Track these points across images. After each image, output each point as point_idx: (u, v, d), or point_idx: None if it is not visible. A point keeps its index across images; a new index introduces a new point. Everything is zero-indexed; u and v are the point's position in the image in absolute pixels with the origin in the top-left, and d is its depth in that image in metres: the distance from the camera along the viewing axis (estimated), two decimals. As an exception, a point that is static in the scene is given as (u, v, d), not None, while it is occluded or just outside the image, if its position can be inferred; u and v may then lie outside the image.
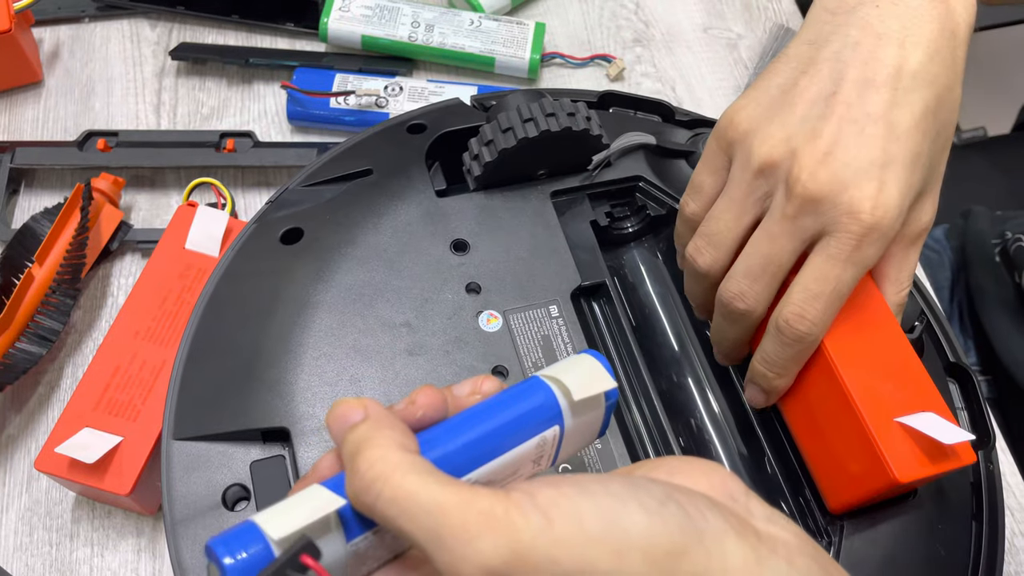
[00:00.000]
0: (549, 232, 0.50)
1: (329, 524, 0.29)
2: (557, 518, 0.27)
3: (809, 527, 0.45)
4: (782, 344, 0.41)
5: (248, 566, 0.27)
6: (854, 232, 0.39)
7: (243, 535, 0.28)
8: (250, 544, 0.27)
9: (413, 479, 0.28)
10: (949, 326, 0.52)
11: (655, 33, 0.78)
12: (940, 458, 0.41)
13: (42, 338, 0.56)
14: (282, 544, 0.27)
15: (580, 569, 0.27)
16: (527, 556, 0.27)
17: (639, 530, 0.28)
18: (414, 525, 0.27)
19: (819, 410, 0.43)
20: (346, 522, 0.29)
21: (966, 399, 0.49)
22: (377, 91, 0.69)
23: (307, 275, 0.47)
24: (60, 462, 0.49)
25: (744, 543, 0.29)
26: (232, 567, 0.27)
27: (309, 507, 0.28)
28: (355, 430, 0.30)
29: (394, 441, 0.29)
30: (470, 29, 0.73)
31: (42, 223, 0.62)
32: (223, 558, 0.27)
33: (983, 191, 1.10)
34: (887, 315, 0.44)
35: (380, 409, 0.31)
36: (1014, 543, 0.56)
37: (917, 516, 0.44)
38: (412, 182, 0.51)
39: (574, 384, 0.32)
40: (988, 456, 0.47)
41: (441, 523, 0.27)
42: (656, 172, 0.54)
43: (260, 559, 0.27)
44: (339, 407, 0.31)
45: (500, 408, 0.32)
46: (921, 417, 0.41)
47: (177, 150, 0.66)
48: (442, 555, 0.27)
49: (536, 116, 0.49)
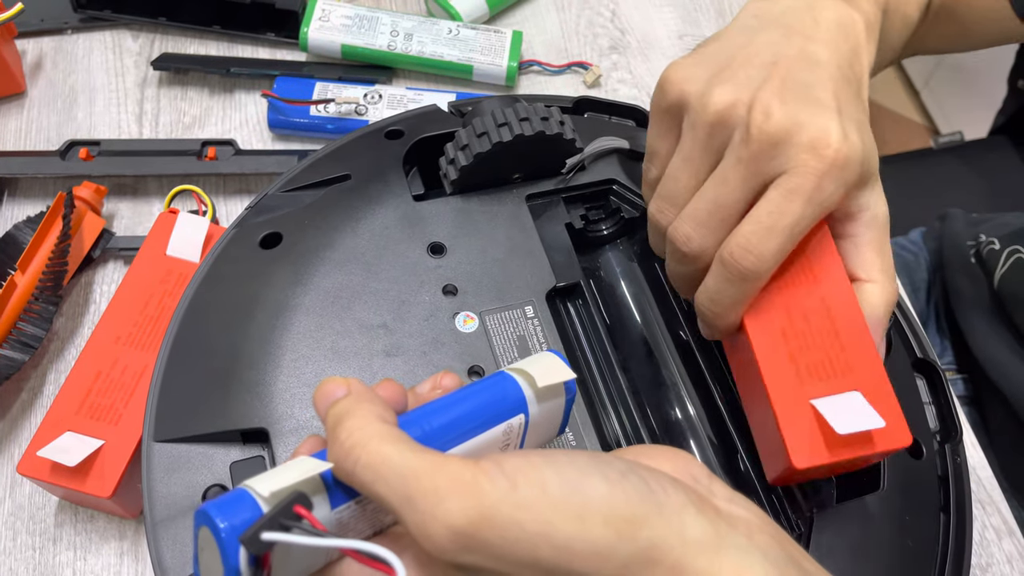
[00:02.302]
0: (525, 234, 0.51)
1: (316, 487, 0.30)
2: (522, 483, 0.29)
3: (781, 523, 0.46)
4: (726, 280, 0.40)
5: (242, 526, 0.28)
6: (815, 168, 0.39)
7: (235, 498, 0.29)
8: (242, 505, 0.28)
9: (388, 446, 0.29)
10: (917, 322, 0.53)
11: (631, 40, 0.80)
12: (851, 444, 0.39)
13: (25, 345, 0.57)
14: (271, 500, 0.29)
15: (542, 531, 0.28)
16: (492, 517, 0.28)
17: (600, 497, 0.29)
18: (387, 488, 0.29)
19: (748, 382, 0.43)
20: (331, 489, 0.30)
21: (933, 394, 0.50)
22: (357, 99, 0.70)
23: (286, 279, 0.48)
24: (42, 466, 0.50)
25: (703, 517, 0.30)
26: (227, 528, 0.28)
27: (297, 470, 0.30)
28: (338, 404, 0.31)
29: (373, 413, 0.31)
30: (448, 38, 0.74)
31: (24, 231, 0.62)
32: (217, 520, 0.28)
33: (960, 194, 1.11)
34: (841, 287, 0.42)
35: (362, 386, 0.33)
36: (985, 536, 0.57)
37: (885, 508, 0.45)
38: (390, 187, 0.52)
39: (537, 373, 0.34)
40: (955, 450, 0.48)
41: (412, 486, 0.28)
42: (630, 176, 0.55)
43: (253, 519, 0.28)
44: (325, 384, 0.33)
45: (468, 396, 0.33)
46: (834, 400, 0.40)
47: (159, 158, 0.67)
48: (412, 516, 0.28)
49: (510, 120, 0.50)
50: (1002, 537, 0.57)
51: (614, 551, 0.28)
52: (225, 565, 0.28)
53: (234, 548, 0.28)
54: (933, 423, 0.49)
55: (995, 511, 0.58)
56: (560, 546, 0.28)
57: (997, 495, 0.59)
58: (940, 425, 0.49)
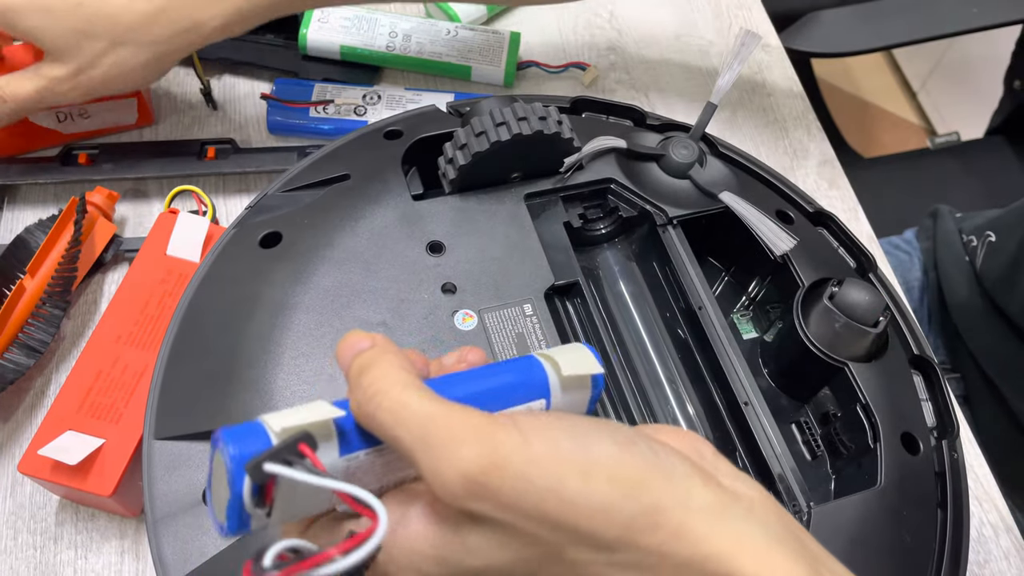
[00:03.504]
0: (523, 233, 0.52)
1: (328, 431, 0.31)
2: (534, 439, 0.30)
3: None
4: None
5: (249, 455, 0.29)
6: None
7: (248, 429, 0.30)
8: (254, 436, 0.30)
9: (410, 393, 0.31)
10: (914, 320, 0.53)
11: (628, 41, 0.80)
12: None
13: (31, 349, 0.57)
14: (281, 435, 0.30)
15: (549, 486, 0.29)
16: (503, 467, 0.29)
17: (608, 457, 0.30)
18: (406, 432, 0.30)
19: None
20: (342, 436, 0.31)
21: (930, 391, 0.51)
22: (356, 100, 0.70)
23: (286, 278, 0.48)
24: (43, 464, 0.50)
25: (707, 489, 0.31)
26: (235, 456, 0.29)
27: (312, 412, 0.31)
28: (363, 354, 0.32)
29: (397, 364, 0.32)
30: (447, 39, 0.74)
31: (36, 235, 0.62)
32: (228, 446, 0.29)
33: (957, 195, 1.12)
34: None
35: (386, 340, 0.34)
36: (982, 532, 0.57)
37: (882, 504, 0.45)
38: (389, 186, 0.52)
39: (565, 362, 0.35)
40: (952, 446, 0.48)
41: (429, 431, 0.29)
42: (627, 175, 0.55)
43: (261, 450, 0.29)
44: (351, 336, 0.34)
45: (493, 372, 0.34)
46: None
47: (159, 160, 0.67)
48: (427, 460, 0.29)
49: (508, 120, 0.50)
50: (999, 533, 0.57)
51: (619, 510, 0.29)
52: (231, 490, 0.29)
53: (240, 475, 0.29)
54: (930, 419, 0.50)
55: (992, 507, 0.58)
56: (566, 501, 0.29)
57: (995, 491, 0.59)
58: (937, 421, 0.50)
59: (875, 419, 0.47)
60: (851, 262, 0.55)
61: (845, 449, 0.49)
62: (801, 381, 0.52)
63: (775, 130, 0.77)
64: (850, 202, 0.73)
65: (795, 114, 0.78)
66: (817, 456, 0.51)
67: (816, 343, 0.49)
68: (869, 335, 0.48)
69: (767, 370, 0.54)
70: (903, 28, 1.11)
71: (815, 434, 0.51)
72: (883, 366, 0.50)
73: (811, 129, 0.77)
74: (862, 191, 0.75)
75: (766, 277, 0.56)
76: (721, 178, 0.56)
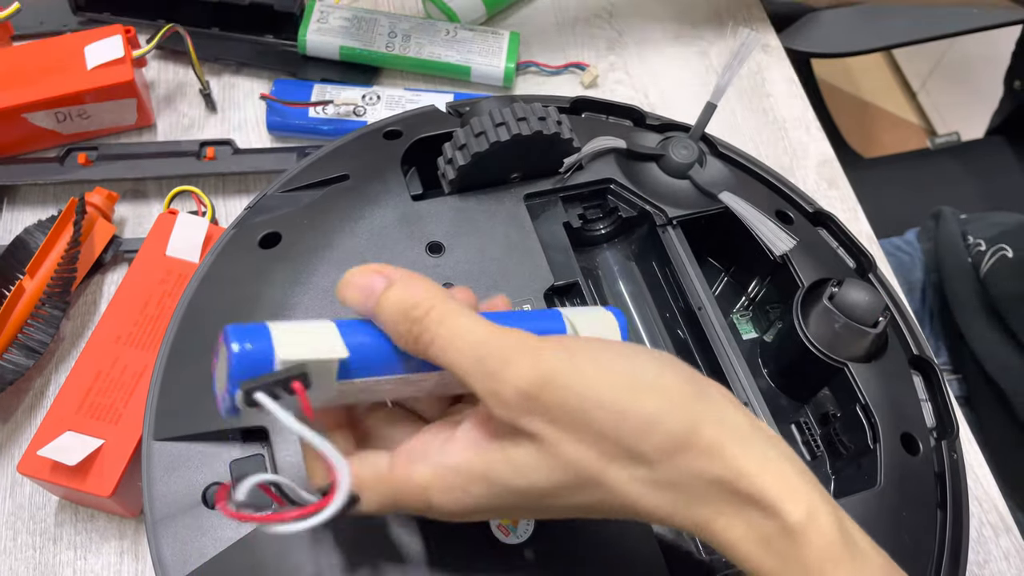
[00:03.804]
0: (523, 234, 0.52)
1: (329, 368, 0.32)
2: (580, 356, 0.32)
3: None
4: None
5: (249, 364, 0.31)
6: None
7: (258, 347, 0.31)
8: (259, 357, 0.31)
9: (465, 319, 0.33)
10: (914, 320, 0.53)
11: (628, 41, 0.80)
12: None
13: (30, 350, 0.57)
14: (282, 364, 0.31)
15: (596, 397, 0.31)
16: (553, 379, 0.31)
17: (652, 374, 0.32)
18: (462, 356, 0.32)
19: None
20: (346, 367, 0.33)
21: (930, 391, 0.50)
22: (355, 100, 0.70)
23: (285, 278, 0.48)
24: (42, 465, 0.50)
25: (739, 413, 0.33)
26: (238, 356, 0.31)
27: (319, 345, 0.32)
28: (393, 292, 0.33)
29: (442, 293, 0.34)
30: (446, 39, 0.74)
31: (35, 235, 0.62)
32: (234, 362, 0.31)
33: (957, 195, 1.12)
34: None
35: (401, 271, 0.35)
36: (982, 533, 0.57)
37: (882, 504, 0.45)
38: (388, 187, 0.52)
39: (583, 325, 0.37)
40: (952, 446, 0.48)
41: (486, 351, 0.32)
42: (627, 175, 0.55)
43: (260, 363, 0.31)
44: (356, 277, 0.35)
45: (514, 316, 0.37)
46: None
47: (158, 160, 0.67)
48: (484, 380, 0.32)
49: (508, 120, 0.50)
50: (999, 534, 0.57)
51: (660, 423, 0.31)
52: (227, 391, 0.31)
53: (234, 388, 0.31)
54: (930, 420, 0.50)
55: (992, 508, 0.58)
56: (614, 412, 0.31)
57: (994, 492, 0.59)
58: (937, 422, 0.49)
59: (875, 419, 0.47)
60: (851, 262, 0.55)
61: (845, 449, 0.49)
62: (801, 381, 0.52)
63: (775, 130, 0.77)
64: (850, 202, 0.73)
65: (795, 114, 0.78)
66: (817, 457, 0.51)
67: (816, 343, 0.49)
68: (869, 335, 0.48)
69: (767, 370, 0.54)
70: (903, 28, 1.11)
71: (815, 434, 0.51)
72: (883, 366, 0.50)
73: (811, 129, 0.77)
74: (862, 191, 0.75)
75: (766, 277, 0.56)
76: (721, 178, 0.56)
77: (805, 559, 0.31)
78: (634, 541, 0.42)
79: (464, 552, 0.41)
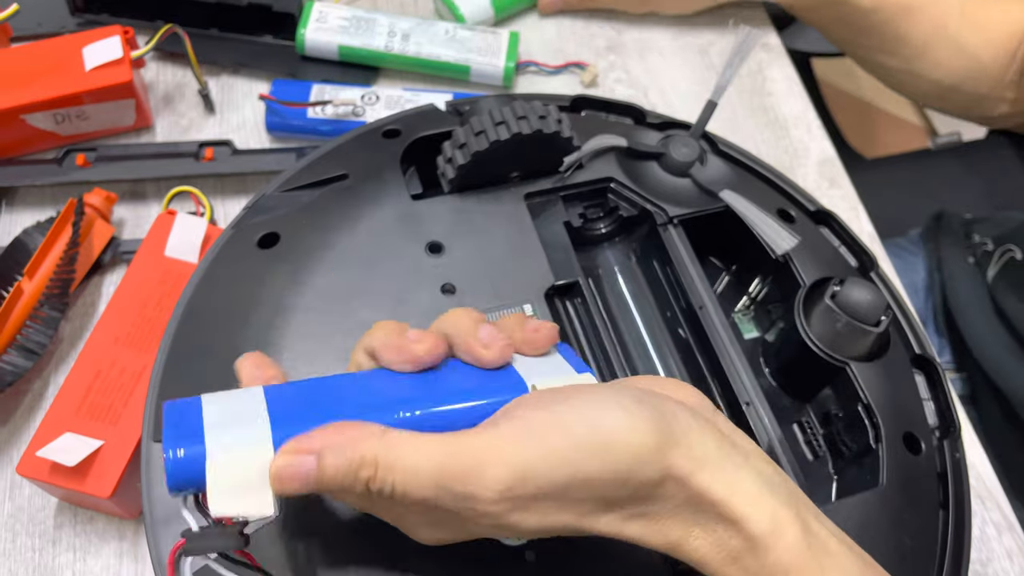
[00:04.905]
0: (523, 233, 0.51)
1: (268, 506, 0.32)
2: (546, 433, 0.32)
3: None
4: None
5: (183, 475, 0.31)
6: None
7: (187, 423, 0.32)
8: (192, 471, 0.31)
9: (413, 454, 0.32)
10: (916, 319, 0.53)
11: (627, 40, 0.80)
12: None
13: (29, 351, 0.57)
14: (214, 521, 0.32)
15: (572, 472, 0.31)
16: (528, 471, 0.31)
17: (621, 429, 0.32)
18: (426, 489, 0.31)
19: None
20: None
21: (932, 390, 0.50)
22: (354, 100, 0.70)
23: (284, 278, 0.48)
24: (42, 466, 0.50)
25: (707, 437, 0.34)
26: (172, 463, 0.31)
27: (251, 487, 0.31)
28: (330, 467, 0.32)
29: (370, 439, 0.32)
30: (445, 38, 0.74)
31: (34, 236, 0.62)
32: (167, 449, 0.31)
33: (959, 195, 1.11)
34: None
35: (321, 438, 0.32)
36: (985, 531, 0.57)
37: (884, 504, 0.45)
38: (387, 186, 0.52)
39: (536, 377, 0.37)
40: (954, 445, 0.48)
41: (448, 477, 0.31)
42: (627, 173, 0.55)
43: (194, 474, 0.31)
44: (281, 470, 0.32)
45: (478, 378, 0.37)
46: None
47: (157, 161, 0.67)
48: (455, 502, 0.31)
49: (507, 119, 0.50)
50: (1002, 532, 0.57)
51: (634, 475, 0.32)
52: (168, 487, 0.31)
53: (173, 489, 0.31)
54: (932, 419, 0.49)
55: (995, 506, 0.58)
56: (587, 480, 0.32)
57: (997, 491, 0.59)
58: (939, 421, 0.49)
59: (877, 419, 0.47)
60: (852, 261, 0.55)
61: (847, 449, 0.49)
62: (802, 381, 0.52)
63: (775, 129, 0.76)
64: (851, 201, 0.73)
65: (795, 113, 0.78)
66: (819, 456, 0.51)
67: (817, 342, 0.49)
68: (871, 334, 0.48)
69: (768, 370, 0.54)
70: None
71: (817, 434, 0.51)
72: (885, 366, 0.49)
73: (811, 128, 0.77)
74: (864, 191, 0.75)
75: (767, 276, 0.55)
76: (722, 177, 0.55)
77: (769, 569, 0.33)
78: (635, 541, 0.42)
79: (463, 554, 0.40)
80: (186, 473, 0.31)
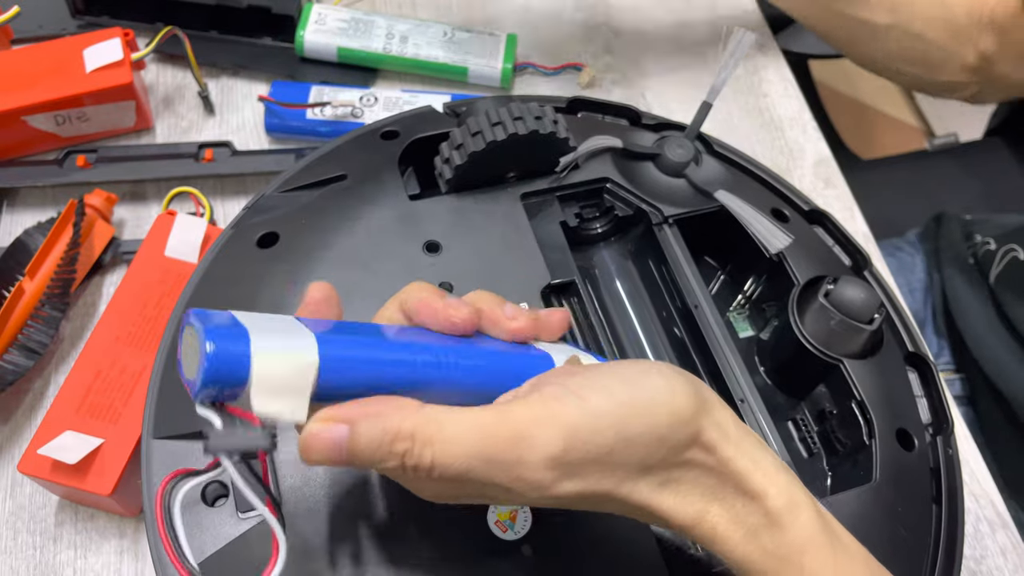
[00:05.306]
0: (519, 233, 0.52)
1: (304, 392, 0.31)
2: (590, 395, 0.33)
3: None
4: None
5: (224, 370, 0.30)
6: None
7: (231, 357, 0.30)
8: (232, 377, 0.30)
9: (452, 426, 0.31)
10: (910, 317, 0.53)
11: (624, 42, 0.80)
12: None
13: (30, 351, 0.57)
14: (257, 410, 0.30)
15: (617, 432, 0.32)
16: (577, 433, 0.32)
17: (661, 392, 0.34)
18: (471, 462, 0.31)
19: None
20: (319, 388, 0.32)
21: (925, 387, 0.51)
22: (352, 102, 0.70)
23: (283, 278, 0.48)
24: (43, 464, 0.50)
25: (726, 412, 0.36)
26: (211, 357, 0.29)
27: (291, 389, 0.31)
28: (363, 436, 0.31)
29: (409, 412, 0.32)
30: (443, 40, 0.74)
31: (35, 237, 0.63)
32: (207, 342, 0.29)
33: (956, 196, 1.12)
34: None
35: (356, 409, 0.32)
36: (979, 528, 0.57)
37: (877, 499, 0.45)
38: (385, 186, 0.52)
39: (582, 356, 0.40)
40: (947, 442, 0.48)
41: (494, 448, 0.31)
42: (623, 174, 0.55)
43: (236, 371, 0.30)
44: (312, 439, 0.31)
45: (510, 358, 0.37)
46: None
47: (157, 162, 0.67)
48: (503, 473, 0.31)
49: (504, 120, 0.51)
50: (996, 529, 0.57)
51: (671, 436, 0.33)
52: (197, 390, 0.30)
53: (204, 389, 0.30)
54: (925, 416, 0.50)
55: (989, 503, 0.58)
56: (630, 441, 0.32)
57: (991, 488, 0.59)
58: (932, 417, 0.50)
59: (870, 416, 0.47)
60: (846, 260, 0.56)
61: (841, 446, 0.49)
62: (797, 378, 0.52)
63: (771, 130, 0.77)
64: (846, 201, 0.74)
65: (791, 114, 0.78)
66: (813, 453, 0.51)
67: (811, 340, 0.49)
68: (864, 332, 0.49)
69: (763, 368, 0.54)
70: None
71: (811, 431, 0.51)
72: (878, 363, 0.50)
73: (807, 129, 0.77)
74: (861, 193, 0.75)
75: (762, 275, 0.56)
76: (717, 177, 0.56)
77: (786, 547, 0.34)
78: (631, 535, 0.42)
79: (462, 548, 0.41)
80: (226, 367, 0.29)
